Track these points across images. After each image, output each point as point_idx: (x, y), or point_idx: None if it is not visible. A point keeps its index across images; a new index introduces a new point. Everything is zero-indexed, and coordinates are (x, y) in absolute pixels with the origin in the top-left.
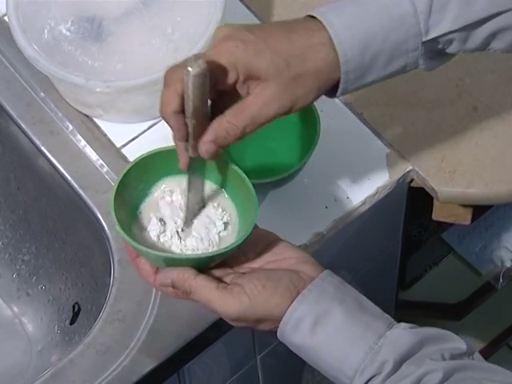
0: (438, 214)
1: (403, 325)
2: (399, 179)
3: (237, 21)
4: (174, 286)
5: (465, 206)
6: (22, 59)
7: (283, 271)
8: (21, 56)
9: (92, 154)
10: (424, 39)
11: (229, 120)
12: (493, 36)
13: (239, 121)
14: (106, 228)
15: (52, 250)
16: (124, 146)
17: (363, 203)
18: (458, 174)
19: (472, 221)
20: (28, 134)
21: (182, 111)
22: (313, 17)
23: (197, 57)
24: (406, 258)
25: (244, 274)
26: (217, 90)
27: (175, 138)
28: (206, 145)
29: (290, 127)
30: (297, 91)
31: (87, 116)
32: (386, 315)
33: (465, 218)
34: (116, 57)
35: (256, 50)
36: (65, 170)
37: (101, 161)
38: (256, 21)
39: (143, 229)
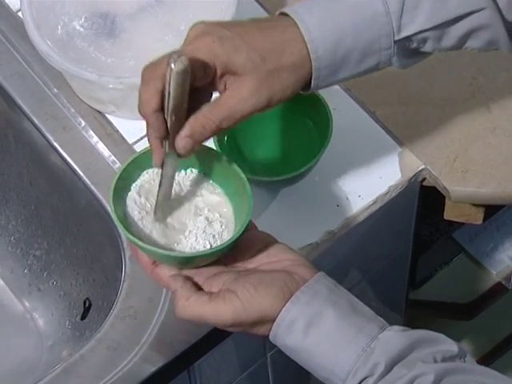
0: (449, 214)
1: (396, 327)
2: (411, 178)
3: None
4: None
5: (477, 205)
6: (36, 55)
7: (277, 273)
8: (34, 52)
9: (104, 150)
10: (396, 38)
11: (205, 114)
12: (468, 35)
13: (215, 115)
14: None
15: (63, 245)
16: (136, 142)
17: (375, 202)
18: (471, 173)
19: (484, 220)
20: (41, 130)
21: (162, 109)
22: (286, 14)
23: (178, 53)
24: (416, 258)
25: (239, 272)
26: (192, 87)
27: (152, 136)
28: (182, 140)
29: (302, 125)
30: (273, 86)
31: (100, 112)
32: (379, 318)
33: (476, 217)
34: (129, 53)
35: (233, 45)
36: (77, 165)
37: (113, 157)
38: None
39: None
